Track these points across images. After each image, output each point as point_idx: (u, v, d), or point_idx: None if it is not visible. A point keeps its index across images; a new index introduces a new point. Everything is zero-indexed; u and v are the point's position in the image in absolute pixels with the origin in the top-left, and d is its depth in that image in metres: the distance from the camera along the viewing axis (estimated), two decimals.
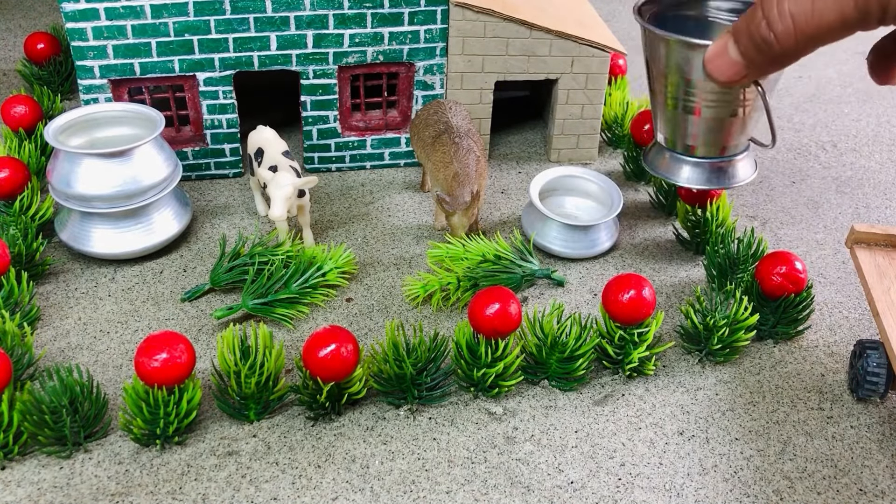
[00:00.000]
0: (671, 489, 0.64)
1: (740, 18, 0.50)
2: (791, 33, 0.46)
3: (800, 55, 0.47)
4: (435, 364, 0.70)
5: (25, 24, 1.39)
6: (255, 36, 0.90)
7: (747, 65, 0.50)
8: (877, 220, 0.99)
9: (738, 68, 0.51)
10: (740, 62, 0.51)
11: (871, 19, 0.43)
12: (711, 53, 0.52)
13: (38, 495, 0.61)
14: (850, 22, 0.44)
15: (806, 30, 0.45)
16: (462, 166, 0.83)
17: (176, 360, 0.63)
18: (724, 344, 0.74)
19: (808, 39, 0.46)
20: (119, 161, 0.80)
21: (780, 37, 0.47)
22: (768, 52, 0.48)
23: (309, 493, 0.62)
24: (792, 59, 0.48)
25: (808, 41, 0.46)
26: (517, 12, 0.94)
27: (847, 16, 0.44)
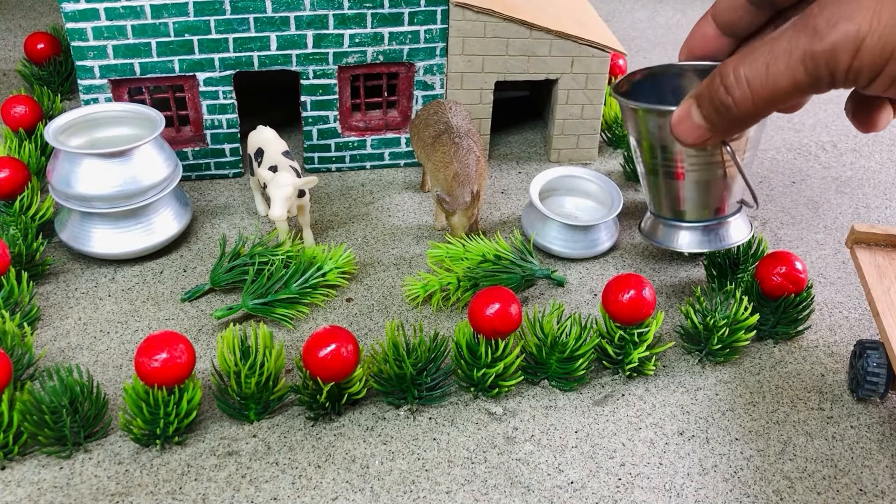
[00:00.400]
0: (671, 489, 0.64)
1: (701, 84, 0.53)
2: (748, 98, 0.48)
3: (759, 117, 0.50)
4: (435, 364, 0.70)
5: (25, 24, 1.39)
6: (255, 36, 0.90)
7: (710, 128, 0.53)
8: (877, 220, 0.99)
9: (702, 131, 0.54)
10: (704, 126, 0.54)
11: (821, 84, 0.45)
12: (676, 118, 0.56)
13: (38, 495, 0.61)
14: (802, 86, 0.46)
15: (762, 94, 0.47)
16: (462, 166, 0.83)
17: (176, 360, 0.63)
18: (724, 344, 0.74)
19: (765, 103, 0.48)
20: (119, 161, 0.80)
21: (738, 101, 0.49)
22: (728, 116, 0.50)
23: (309, 493, 0.62)
24: (752, 121, 0.52)
25: (764, 105, 0.48)
26: (517, 12, 0.94)
27: (799, 81, 0.46)
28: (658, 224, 0.77)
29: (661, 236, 0.77)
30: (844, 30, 0.43)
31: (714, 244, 0.74)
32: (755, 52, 0.48)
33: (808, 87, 0.46)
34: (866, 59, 0.43)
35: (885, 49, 0.42)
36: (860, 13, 0.43)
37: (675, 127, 0.56)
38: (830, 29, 0.43)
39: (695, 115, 0.54)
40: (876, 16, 0.42)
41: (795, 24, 0.46)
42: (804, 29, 0.45)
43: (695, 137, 0.55)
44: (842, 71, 0.44)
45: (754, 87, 0.48)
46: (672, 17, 1.57)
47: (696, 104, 0.53)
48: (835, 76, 0.44)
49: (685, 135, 0.55)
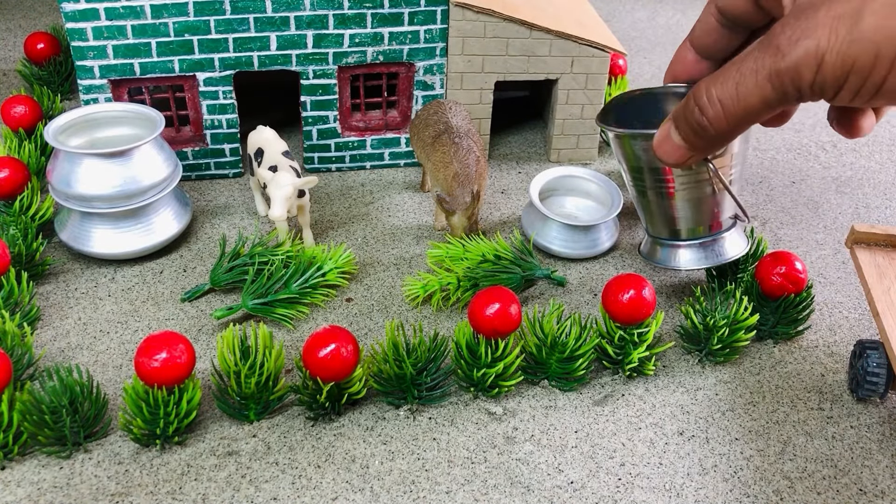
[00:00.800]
0: (671, 489, 0.64)
1: (677, 106, 0.55)
2: (721, 117, 0.50)
3: (735, 134, 0.52)
4: (435, 364, 0.70)
5: (25, 24, 1.39)
6: (255, 36, 0.90)
7: (690, 148, 0.56)
8: (877, 220, 0.99)
9: (682, 151, 0.56)
10: (683, 146, 0.56)
11: (789, 99, 0.47)
12: (657, 141, 0.58)
13: (38, 495, 0.61)
14: (771, 103, 0.48)
15: (734, 112, 0.50)
16: (462, 166, 0.83)
17: (176, 360, 0.63)
18: (724, 344, 0.74)
19: (738, 121, 0.50)
20: (119, 161, 0.80)
21: (713, 121, 0.51)
22: (705, 135, 0.53)
23: (309, 493, 0.62)
24: (729, 138, 0.53)
25: (738, 122, 0.50)
26: (517, 12, 0.94)
27: (767, 98, 0.48)
28: (656, 245, 0.79)
29: (661, 257, 0.79)
30: (805, 47, 0.45)
31: (712, 259, 0.76)
32: (725, 73, 0.50)
33: (777, 103, 0.48)
34: (828, 73, 0.45)
35: (844, 63, 0.44)
36: (818, 30, 0.45)
37: (656, 149, 0.58)
38: (792, 47, 0.45)
39: (674, 136, 0.56)
40: (833, 32, 0.44)
41: (760, 43, 0.49)
42: (768, 48, 0.47)
43: (676, 157, 0.57)
44: (807, 86, 0.46)
45: (726, 107, 0.50)
46: (672, 17, 1.57)
47: (674, 126, 0.56)
48: (801, 91, 0.46)
49: (667, 156, 0.57)
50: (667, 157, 0.57)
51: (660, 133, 0.57)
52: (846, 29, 0.43)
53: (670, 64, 0.66)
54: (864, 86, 0.45)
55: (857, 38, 0.43)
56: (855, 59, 0.44)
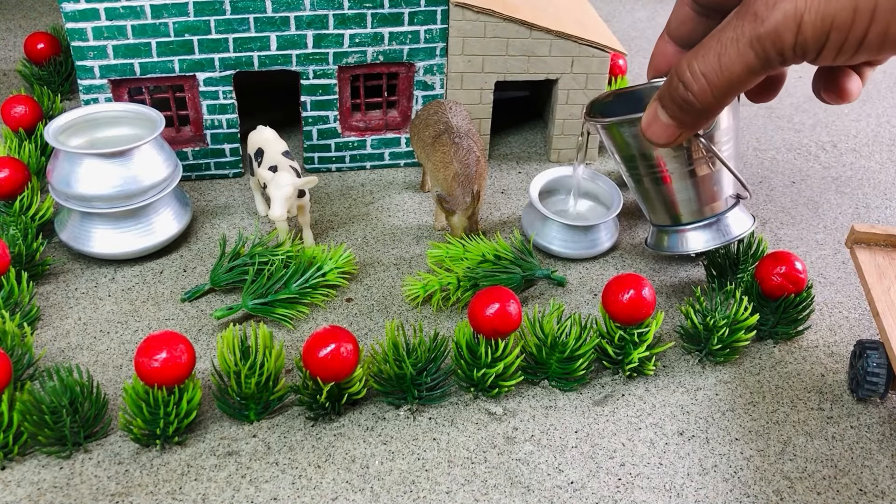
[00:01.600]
0: (671, 489, 0.64)
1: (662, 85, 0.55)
2: (706, 90, 0.51)
3: (721, 106, 0.52)
4: (435, 364, 0.70)
5: (25, 24, 1.39)
6: (255, 36, 0.90)
7: (678, 125, 0.55)
8: (877, 220, 0.99)
9: (671, 130, 0.56)
10: (672, 124, 0.56)
11: (773, 63, 0.47)
12: (646, 122, 0.58)
13: (38, 495, 0.61)
14: (755, 69, 0.48)
15: (718, 84, 0.50)
16: (462, 166, 0.83)
17: (176, 360, 0.63)
18: (724, 344, 0.74)
19: (724, 92, 0.50)
20: (119, 161, 0.80)
21: (698, 95, 0.51)
22: (691, 111, 0.53)
23: (309, 493, 0.62)
24: (716, 111, 0.54)
25: (723, 93, 0.50)
26: (517, 12, 0.94)
27: (751, 65, 0.48)
28: (662, 234, 0.79)
29: (668, 244, 0.79)
30: (783, 10, 0.45)
31: (720, 238, 0.75)
32: (706, 46, 0.50)
33: (761, 68, 0.48)
34: (809, 33, 0.45)
35: (824, 21, 0.44)
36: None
37: (645, 131, 0.58)
38: (770, 11, 0.46)
39: (661, 115, 0.56)
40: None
41: (738, 13, 0.49)
42: (746, 16, 0.47)
43: (666, 137, 0.57)
44: (789, 48, 0.46)
45: (710, 79, 0.50)
46: None
47: (660, 105, 0.55)
48: (783, 54, 0.46)
49: (657, 136, 0.57)
50: (657, 138, 0.57)
51: (647, 115, 0.57)
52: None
53: (651, 58, 0.66)
54: (846, 41, 0.45)
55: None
56: (834, 16, 0.44)
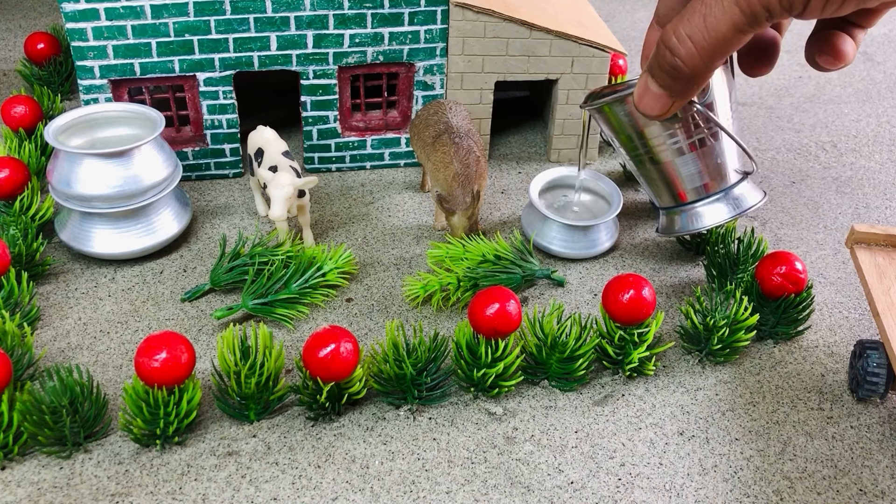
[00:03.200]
0: (671, 489, 0.64)
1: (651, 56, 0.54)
2: (694, 53, 0.50)
3: (711, 69, 0.51)
4: (435, 364, 0.70)
5: (25, 24, 1.39)
6: (255, 36, 0.90)
7: (670, 94, 0.54)
8: (877, 220, 0.99)
9: (663, 100, 0.55)
10: (663, 94, 0.55)
11: (760, 19, 0.46)
12: (637, 95, 0.57)
13: (38, 495, 0.61)
14: (742, 27, 0.47)
15: (705, 46, 0.49)
16: (462, 166, 0.83)
17: (176, 360, 0.63)
18: (724, 344, 0.74)
19: (711, 53, 0.49)
20: (119, 161, 0.80)
21: (686, 59, 0.50)
22: (681, 76, 0.52)
23: (309, 493, 0.62)
24: (706, 76, 0.52)
25: (711, 55, 0.49)
26: (517, 12, 0.94)
27: (738, 23, 0.47)
28: (672, 216, 0.77)
29: (680, 225, 0.77)
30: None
31: (732, 210, 0.74)
32: (690, 9, 0.49)
33: (748, 26, 0.47)
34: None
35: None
36: None
37: (638, 104, 0.56)
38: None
39: (652, 86, 0.55)
40: None
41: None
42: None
43: (659, 108, 0.55)
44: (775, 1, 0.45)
45: (697, 41, 0.49)
46: None
47: (650, 75, 0.54)
48: (770, 9, 0.45)
49: (650, 108, 0.56)
50: (649, 110, 0.56)
51: (638, 88, 0.56)
52: None
53: (643, 47, 0.65)
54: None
55: None
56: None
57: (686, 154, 0.72)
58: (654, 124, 0.70)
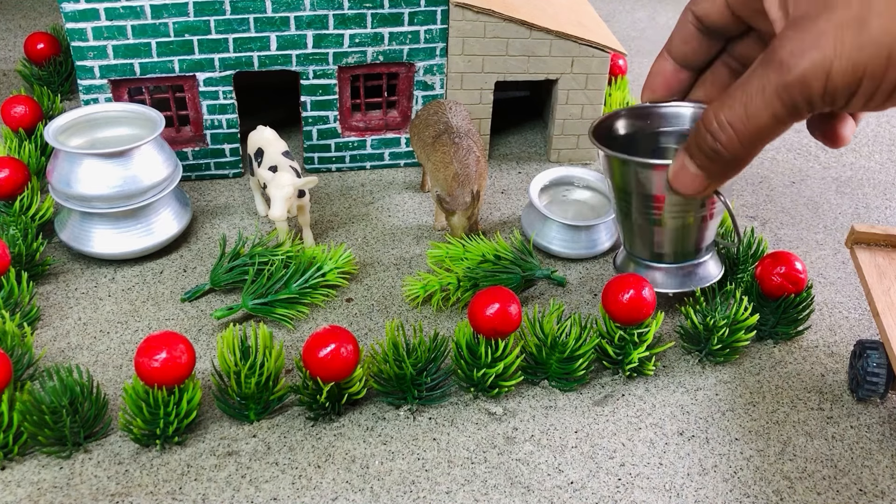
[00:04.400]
0: (671, 489, 0.64)
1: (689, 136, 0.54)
2: (735, 140, 0.50)
3: (752, 156, 0.51)
4: (435, 364, 0.70)
5: (25, 24, 1.39)
6: (255, 36, 0.90)
7: (707, 176, 0.55)
8: (877, 220, 0.99)
9: (700, 181, 0.56)
10: (700, 175, 0.55)
11: (801, 111, 0.46)
12: (674, 172, 0.57)
13: (38, 495, 0.61)
14: (782, 118, 0.47)
15: (746, 134, 0.49)
16: (462, 166, 0.83)
17: (176, 360, 0.63)
18: (724, 344, 0.74)
19: (751, 142, 0.50)
20: (119, 161, 0.80)
21: (727, 145, 0.50)
22: (721, 161, 0.52)
23: (309, 493, 0.62)
24: (745, 162, 0.52)
25: (751, 143, 0.50)
26: (517, 12, 0.94)
27: (778, 113, 0.47)
28: (631, 261, 0.78)
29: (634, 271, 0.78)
30: (811, 58, 0.45)
31: (686, 285, 0.76)
32: (731, 96, 0.50)
33: (788, 117, 0.47)
34: (839, 81, 0.44)
35: (856, 69, 0.43)
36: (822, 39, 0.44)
37: (673, 181, 0.57)
38: (797, 59, 0.45)
39: (690, 166, 0.55)
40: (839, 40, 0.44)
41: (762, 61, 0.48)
42: (771, 64, 0.47)
43: (695, 188, 0.56)
44: (817, 96, 0.45)
45: (738, 129, 0.49)
46: (672, 17, 1.57)
47: (688, 155, 0.55)
48: (811, 102, 0.46)
49: (685, 187, 0.56)
50: (684, 189, 0.56)
51: (675, 165, 0.56)
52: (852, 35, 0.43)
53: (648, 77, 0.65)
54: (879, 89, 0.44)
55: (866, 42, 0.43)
56: (866, 65, 0.43)
57: (677, 227, 0.73)
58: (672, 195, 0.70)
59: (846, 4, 0.44)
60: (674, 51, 0.61)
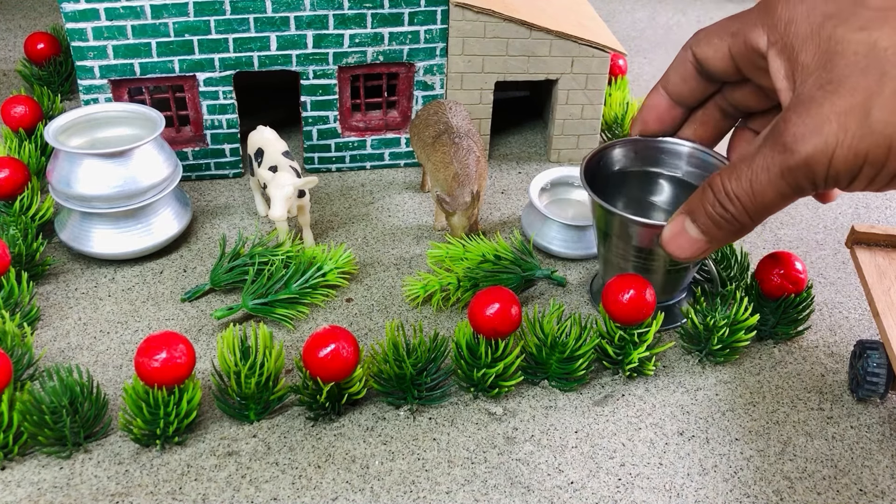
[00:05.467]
0: (671, 489, 0.64)
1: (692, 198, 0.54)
2: (742, 212, 0.51)
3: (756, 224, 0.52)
4: (435, 364, 0.70)
5: (25, 24, 1.39)
6: (255, 36, 0.90)
7: (709, 240, 0.55)
8: (877, 220, 0.99)
9: (699, 245, 0.56)
10: (701, 239, 0.55)
11: (805, 190, 0.48)
12: (670, 234, 0.57)
13: (38, 495, 0.61)
14: (787, 196, 0.49)
15: (752, 207, 0.50)
16: (462, 166, 0.83)
17: (176, 360, 0.63)
18: (724, 344, 0.74)
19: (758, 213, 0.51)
20: (119, 161, 0.80)
21: (736, 215, 0.52)
22: (727, 228, 0.53)
23: (309, 493, 0.62)
24: (750, 230, 0.54)
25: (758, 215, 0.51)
26: (517, 12, 0.94)
27: (783, 192, 0.48)
28: None
29: None
30: (814, 144, 0.45)
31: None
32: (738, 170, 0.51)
33: (794, 195, 0.48)
34: (841, 166, 0.45)
35: (857, 156, 0.44)
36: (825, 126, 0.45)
37: (668, 242, 0.57)
38: (800, 144, 0.46)
39: (690, 229, 0.55)
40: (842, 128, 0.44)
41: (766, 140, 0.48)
42: (776, 146, 0.47)
43: (692, 251, 0.56)
44: (821, 179, 0.46)
45: (744, 202, 0.50)
46: (672, 17, 1.57)
47: (690, 218, 0.55)
48: (815, 183, 0.47)
49: (681, 249, 0.57)
50: (680, 251, 0.56)
51: (673, 227, 0.56)
52: (856, 124, 0.43)
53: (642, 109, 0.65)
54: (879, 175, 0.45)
55: (868, 132, 0.43)
56: (867, 152, 0.44)
57: (662, 274, 0.74)
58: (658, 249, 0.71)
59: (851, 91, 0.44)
60: (669, 87, 0.61)
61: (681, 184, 0.75)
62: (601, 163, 0.74)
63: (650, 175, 0.75)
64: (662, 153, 0.73)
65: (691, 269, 0.75)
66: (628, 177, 0.76)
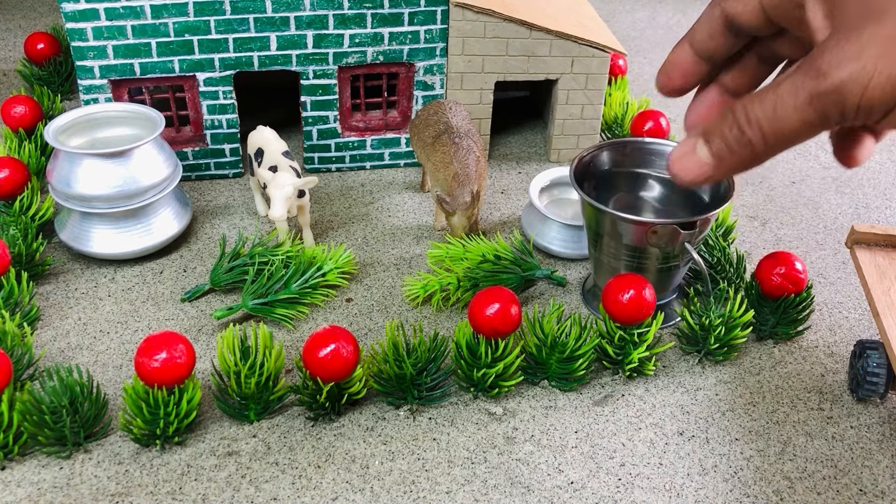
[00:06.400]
0: (671, 489, 0.64)
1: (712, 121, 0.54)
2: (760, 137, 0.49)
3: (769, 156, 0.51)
4: (435, 364, 0.70)
5: (25, 24, 1.39)
6: (255, 36, 0.90)
7: (717, 165, 0.53)
8: (877, 220, 0.99)
9: (705, 169, 0.54)
10: (710, 163, 0.54)
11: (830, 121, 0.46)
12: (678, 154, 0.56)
13: (38, 495, 0.61)
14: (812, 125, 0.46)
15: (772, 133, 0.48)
16: (462, 166, 0.83)
17: (176, 360, 0.63)
18: (721, 343, 0.74)
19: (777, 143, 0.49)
20: (119, 161, 0.80)
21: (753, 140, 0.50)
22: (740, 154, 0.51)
23: (309, 493, 0.62)
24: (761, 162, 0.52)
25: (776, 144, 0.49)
26: (517, 12, 0.94)
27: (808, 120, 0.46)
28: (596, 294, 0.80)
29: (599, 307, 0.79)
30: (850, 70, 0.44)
31: None
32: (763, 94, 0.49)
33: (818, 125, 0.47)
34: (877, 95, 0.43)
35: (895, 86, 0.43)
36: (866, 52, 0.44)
37: (674, 162, 0.56)
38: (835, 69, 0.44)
39: (701, 151, 0.54)
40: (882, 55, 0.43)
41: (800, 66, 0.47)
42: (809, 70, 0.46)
43: (696, 174, 0.55)
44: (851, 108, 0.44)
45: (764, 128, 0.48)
46: (672, 17, 1.57)
47: (704, 139, 0.54)
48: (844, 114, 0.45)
49: (685, 171, 0.55)
50: (684, 174, 0.55)
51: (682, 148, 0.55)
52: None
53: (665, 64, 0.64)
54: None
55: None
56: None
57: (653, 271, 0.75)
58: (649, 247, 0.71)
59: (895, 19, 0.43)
60: (696, 44, 0.60)
61: (670, 185, 0.75)
62: (591, 164, 0.75)
63: (640, 176, 0.76)
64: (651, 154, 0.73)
65: (682, 268, 0.76)
66: (618, 177, 0.76)
